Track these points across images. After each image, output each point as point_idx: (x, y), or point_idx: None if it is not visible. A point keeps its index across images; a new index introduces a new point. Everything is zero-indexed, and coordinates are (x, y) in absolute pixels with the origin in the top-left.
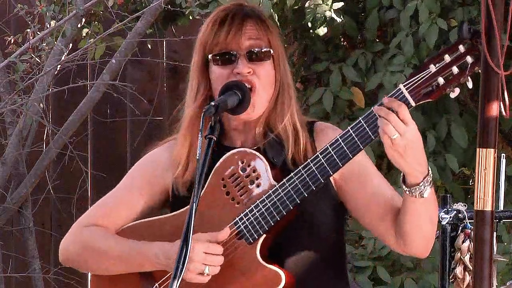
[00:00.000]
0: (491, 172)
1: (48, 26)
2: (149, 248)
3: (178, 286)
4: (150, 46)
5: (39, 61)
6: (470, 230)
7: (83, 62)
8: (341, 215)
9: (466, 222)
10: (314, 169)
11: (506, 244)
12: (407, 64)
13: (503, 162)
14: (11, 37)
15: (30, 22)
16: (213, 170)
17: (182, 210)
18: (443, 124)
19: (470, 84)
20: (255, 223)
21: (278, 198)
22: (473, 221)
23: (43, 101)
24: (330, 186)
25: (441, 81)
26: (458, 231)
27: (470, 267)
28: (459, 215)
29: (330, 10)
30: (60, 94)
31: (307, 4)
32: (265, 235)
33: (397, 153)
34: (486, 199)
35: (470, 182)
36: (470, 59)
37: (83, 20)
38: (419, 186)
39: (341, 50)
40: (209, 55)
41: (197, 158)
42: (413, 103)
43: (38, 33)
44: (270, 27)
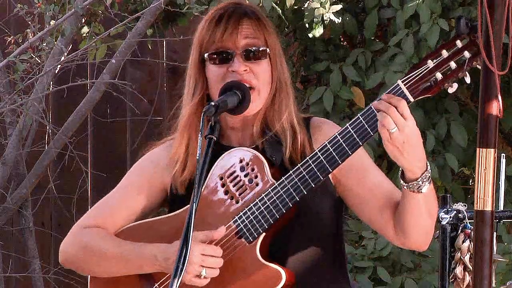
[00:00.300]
0: (491, 172)
1: (48, 26)
2: (147, 250)
3: (178, 286)
4: (150, 46)
5: (39, 61)
6: (470, 230)
7: (83, 62)
8: (340, 211)
9: (466, 222)
10: (313, 166)
11: (506, 244)
12: (409, 64)
13: (503, 162)
14: (11, 37)
15: (30, 22)
16: (211, 169)
17: (181, 211)
18: (443, 123)
19: (468, 79)
20: (255, 222)
21: (277, 196)
22: (473, 221)
23: (43, 101)
24: (329, 182)
25: (439, 76)
26: (458, 231)
27: (470, 267)
28: (459, 215)
29: (328, 12)
30: (60, 94)
31: (306, 5)
32: (264, 234)
33: (395, 148)
34: (486, 199)
35: (470, 182)
36: (467, 54)
37: (83, 20)
38: (417, 181)
39: (341, 50)
40: (205, 54)
41: (197, 158)
42: (411, 99)
43: (38, 33)
44: (267, 26)
